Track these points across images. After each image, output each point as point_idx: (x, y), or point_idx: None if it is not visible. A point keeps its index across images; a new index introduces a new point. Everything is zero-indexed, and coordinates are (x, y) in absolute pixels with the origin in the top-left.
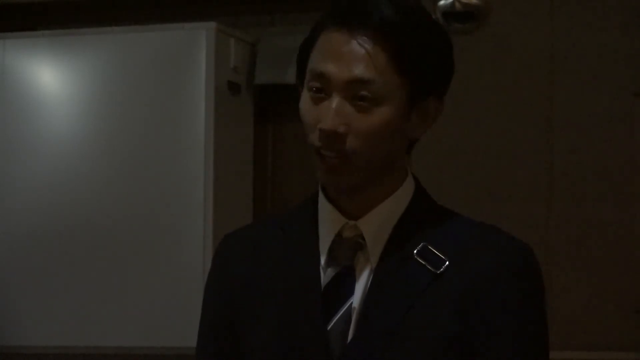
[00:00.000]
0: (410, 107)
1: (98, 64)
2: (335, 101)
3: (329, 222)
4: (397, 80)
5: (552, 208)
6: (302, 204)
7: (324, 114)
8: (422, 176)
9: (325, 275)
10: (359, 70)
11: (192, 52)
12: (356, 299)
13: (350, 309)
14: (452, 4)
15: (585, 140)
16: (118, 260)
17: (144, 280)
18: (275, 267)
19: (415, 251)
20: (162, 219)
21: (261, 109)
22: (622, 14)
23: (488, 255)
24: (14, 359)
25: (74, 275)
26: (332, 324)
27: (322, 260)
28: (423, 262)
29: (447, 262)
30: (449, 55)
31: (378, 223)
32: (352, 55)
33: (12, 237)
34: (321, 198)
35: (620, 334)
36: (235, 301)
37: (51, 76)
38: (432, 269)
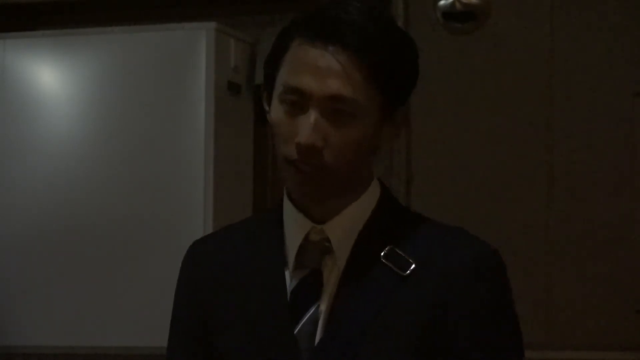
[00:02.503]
0: (383, 119)
1: (98, 64)
2: (312, 116)
3: (295, 226)
4: (373, 95)
5: (552, 208)
6: (268, 210)
7: (301, 128)
8: (422, 176)
9: (293, 279)
10: (338, 87)
11: (192, 52)
12: (323, 302)
13: (317, 312)
14: (452, 4)
15: (585, 140)
16: (118, 260)
17: (144, 280)
18: (243, 273)
19: (382, 254)
20: (162, 219)
21: (261, 109)
22: (622, 14)
23: (454, 257)
24: (13, 359)
25: (74, 275)
26: (299, 327)
27: (290, 265)
28: (390, 265)
29: (414, 265)
30: (417, 66)
31: (344, 227)
32: (329, 70)
33: (12, 237)
34: (287, 203)
35: (620, 334)
36: (204, 307)
37: (51, 76)
38: (399, 272)
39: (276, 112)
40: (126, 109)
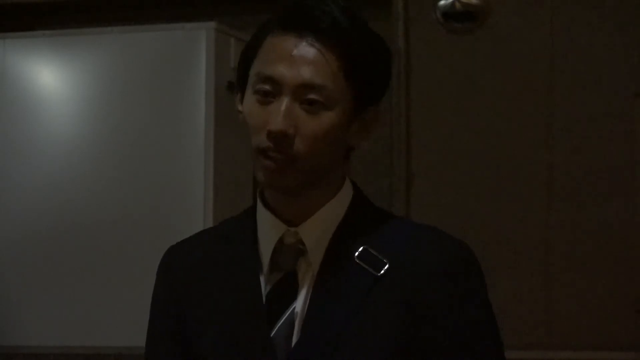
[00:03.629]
0: (353, 114)
1: (98, 64)
2: (284, 103)
3: (269, 229)
4: (345, 87)
5: (552, 208)
6: (242, 214)
7: (273, 116)
8: (422, 176)
9: (268, 282)
10: (310, 75)
11: (192, 52)
12: (299, 305)
13: (293, 315)
14: (452, 4)
15: (585, 140)
16: (118, 260)
17: (144, 280)
18: (218, 277)
19: (356, 255)
20: (162, 219)
21: None
22: (622, 14)
23: (427, 255)
24: (14, 359)
25: (74, 275)
26: (275, 329)
27: (265, 268)
28: (364, 265)
29: (388, 265)
30: (390, 67)
31: (318, 228)
32: (303, 59)
33: (12, 236)
34: (260, 207)
35: (620, 334)
36: (181, 312)
37: (51, 76)
38: (373, 272)
39: (249, 103)
40: (126, 108)
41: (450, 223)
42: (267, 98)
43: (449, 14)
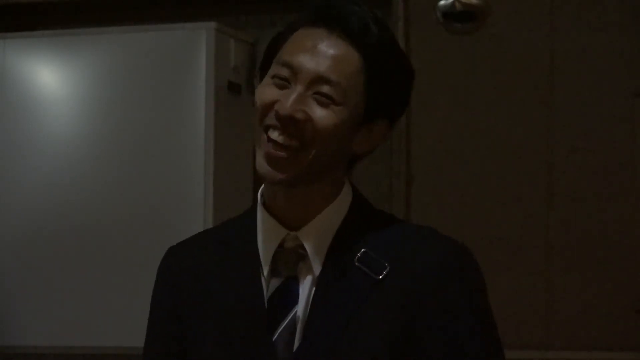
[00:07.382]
0: (362, 120)
1: (98, 64)
2: (297, 90)
3: (269, 233)
4: (362, 90)
5: (552, 208)
6: (242, 215)
7: (283, 99)
8: (421, 177)
9: (269, 287)
10: (328, 69)
11: (192, 52)
12: (300, 309)
13: (294, 319)
14: (452, 4)
15: (585, 140)
16: (118, 260)
17: (144, 280)
18: (219, 281)
19: (356, 258)
20: (162, 219)
21: None
22: (622, 14)
23: (426, 257)
24: (14, 359)
25: (74, 275)
26: (277, 334)
27: (265, 272)
28: (364, 269)
29: (388, 268)
30: (410, 88)
31: (318, 232)
32: (325, 53)
33: (12, 236)
34: (260, 209)
35: (620, 334)
36: (181, 315)
37: (51, 76)
38: (373, 275)
39: (264, 85)
40: (126, 108)
41: (450, 223)
42: (282, 82)
43: (449, 14)
